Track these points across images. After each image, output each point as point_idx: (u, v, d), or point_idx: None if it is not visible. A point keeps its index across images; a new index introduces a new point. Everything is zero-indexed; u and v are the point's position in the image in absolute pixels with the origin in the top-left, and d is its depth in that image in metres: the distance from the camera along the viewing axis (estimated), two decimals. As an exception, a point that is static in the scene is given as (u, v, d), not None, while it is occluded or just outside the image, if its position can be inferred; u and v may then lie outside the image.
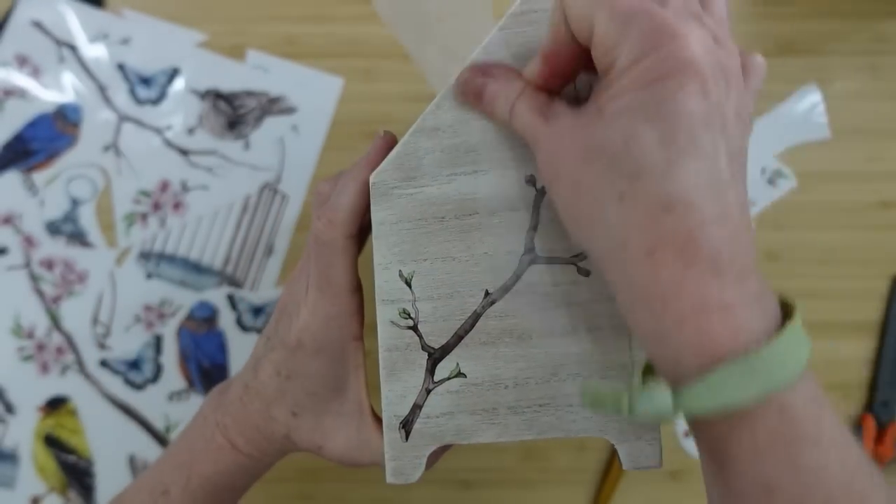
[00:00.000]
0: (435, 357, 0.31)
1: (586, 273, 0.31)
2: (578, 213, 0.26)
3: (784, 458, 0.23)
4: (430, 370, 0.31)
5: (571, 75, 0.28)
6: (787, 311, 0.24)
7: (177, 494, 0.35)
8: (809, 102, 0.55)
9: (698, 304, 0.23)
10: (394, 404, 0.31)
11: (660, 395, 0.24)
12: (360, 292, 0.33)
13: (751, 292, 0.23)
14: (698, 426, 0.25)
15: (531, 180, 0.31)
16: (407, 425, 0.31)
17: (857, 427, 0.51)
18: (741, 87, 0.25)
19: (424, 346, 0.31)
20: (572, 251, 0.31)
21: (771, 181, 0.54)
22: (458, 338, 0.31)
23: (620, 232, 0.24)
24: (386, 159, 0.31)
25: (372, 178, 0.31)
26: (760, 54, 0.29)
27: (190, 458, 0.36)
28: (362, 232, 0.33)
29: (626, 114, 0.24)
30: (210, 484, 0.35)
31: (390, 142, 0.32)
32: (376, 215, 0.31)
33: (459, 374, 0.31)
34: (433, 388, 0.31)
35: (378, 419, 0.33)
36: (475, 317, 0.31)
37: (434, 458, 0.32)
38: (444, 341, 0.31)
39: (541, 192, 0.31)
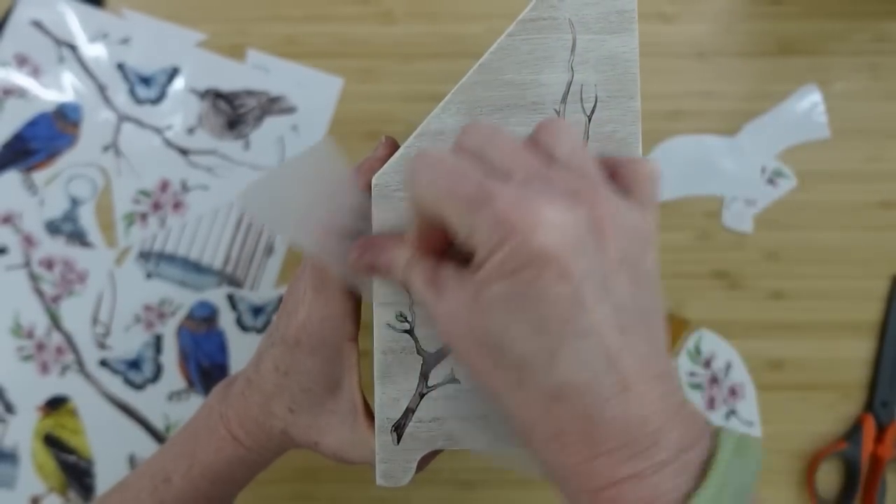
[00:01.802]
0: (430, 362, 0.31)
1: None
2: (482, 391, 0.26)
3: None
4: (425, 374, 0.31)
5: (445, 246, 0.27)
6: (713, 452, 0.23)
7: (178, 482, 0.36)
8: (809, 102, 0.55)
9: (609, 481, 0.23)
10: (387, 407, 0.31)
11: None
12: (355, 294, 0.33)
13: (669, 451, 0.23)
14: None
15: None
16: (399, 428, 0.31)
17: (857, 427, 0.51)
18: (623, 223, 0.24)
19: (420, 351, 0.31)
20: None
21: (771, 181, 0.54)
22: None
23: (523, 418, 0.24)
24: (388, 162, 0.31)
25: (374, 180, 0.31)
26: (648, 162, 0.27)
27: (193, 447, 0.36)
28: None
29: (497, 306, 0.23)
30: (211, 473, 0.36)
31: (392, 146, 0.32)
32: (377, 217, 0.31)
33: (453, 380, 0.31)
34: (426, 393, 0.31)
35: (373, 419, 0.33)
36: None
37: (424, 462, 0.32)
38: (439, 346, 0.31)
39: None
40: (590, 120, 0.31)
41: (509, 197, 0.22)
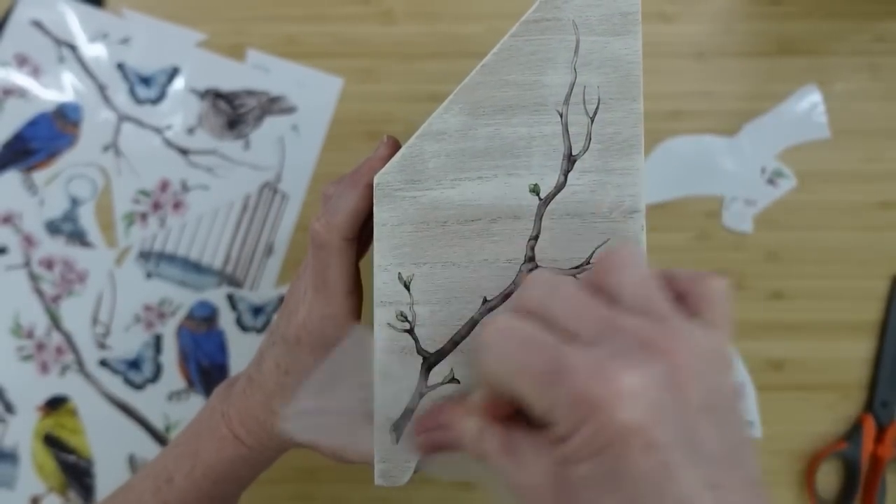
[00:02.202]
0: (430, 361, 0.31)
1: None
2: None
3: None
4: (425, 374, 0.31)
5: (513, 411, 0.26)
6: None
7: (180, 482, 0.36)
8: (809, 102, 0.55)
9: None
10: (386, 406, 0.31)
11: None
12: (356, 294, 0.33)
13: None
14: None
15: (535, 189, 0.31)
16: (398, 428, 0.31)
17: (857, 427, 0.51)
18: (700, 363, 0.23)
19: (420, 350, 0.31)
20: (572, 263, 0.31)
21: (771, 181, 0.54)
22: (453, 343, 0.31)
23: None
24: (391, 161, 0.31)
25: (376, 180, 0.31)
26: (717, 279, 0.26)
27: (196, 447, 0.37)
28: (367, 235, 0.33)
29: (586, 486, 0.22)
30: (213, 473, 0.36)
31: (394, 146, 0.32)
32: (378, 216, 0.31)
33: (453, 380, 0.31)
34: (426, 393, 0.31)
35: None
36: (472, 323, 0.31)
37: (423, 462, 0.32)
38: (439, 346, 0.31)
39: (544, 202, 0.31)
40: (592, 121, 0.31)
41: (585, 368, 0.22)
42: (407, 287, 0.31)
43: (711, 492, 0.22)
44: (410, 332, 0.31)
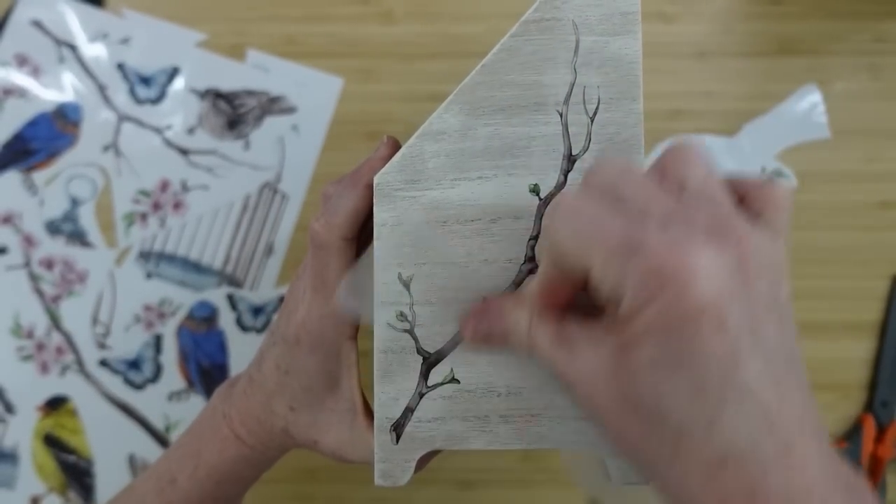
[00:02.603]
0: (430, 361, 0.31)
1: None
2: (631, 459, 0.25)
3: None
4: (424, 374, 0.31)
5: (571, 299, 0.26)
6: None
7: (183, 482, 0.36)
8: (809, 102, 0.55)
9: None
10: (386, 406, 0.31)
11: None
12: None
13: None
14: None
15: (535, 189, 0.31)
16: (398, 428, 0.31)
17: (857, 427, 0.51)
18: (764, 256, 0.22)
19: (420, 350, 0.31)
20: None
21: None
22: (453, 343, 0.31)
23: (681, 489, 0.23)
24: (391, 161, 0.31)
25: (376, 179, 0.31)
26: (781, 185, 0.26)
27: (198, 447, 0.37)
28: (367, 235, 0.33)
29: (650, 367, 0.22)
30: (217, 473, 0.36)
31: (394, 146, 0.32)
32: (378, 216, 0.31)
33: (453, 380, 0.31)
34: (426, 393, 0.31)
35: (372, 418, 0.33)
36: None
37: (423, 462, 0.32)
38: (439, 346, 0.31)
39: (544, 202, 0.31)
40: (592, 121, 0.31)
41: (660, 244, 0.21)
42: (407, 287, 0.31)
43: (776, 389, 0.22)
44: (410, 332, 0.31)
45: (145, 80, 0.57)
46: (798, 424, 0.22)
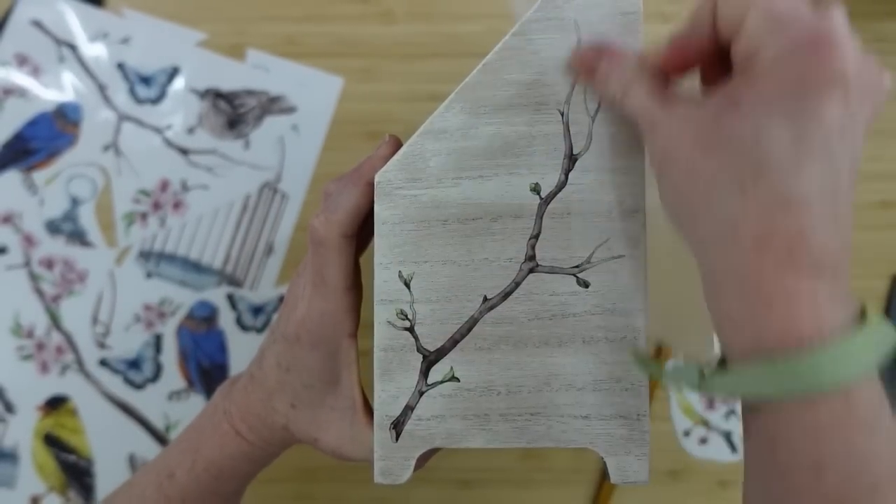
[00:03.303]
0: (430, 360, 0.31)
1: (585, 284, 0.31)
2: (689, 199, 0.26)
3: (840, 440, 0.24)
4: (424, 372, 0.31)
5: (690, 68, 0.29)
6: (863, 312, 0.25)
7: (182, 477, 0.36)
8: (809, 102, 0.55)
9: (793, 295, 0.24)
10: (386, 404, 0.31)
11: (744, 372, 0.25)
12: (355, 291, 0.33)
13: (840, 292, 0.24)
14: (757, 405, 0.26)
15: (536, 188, 0.31)
16: (398, 426, 0.31)
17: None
18: (875, 100, 0.26)
19: (420, 349, 0.31)
20: (573, 262, 0.31)
21: (771, 181, 0.54)
22: (453, 342, 0.31)
23: (733, 220, 0.25)
24: (392, 159, 0.31)
25: (377, 178, 0.31)
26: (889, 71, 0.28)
27: (198, 443, 0.37)
28: (367, 232, 0.33)
29: (765, 109, 0.24)
30: (215, 468, 0.36)
31: (395, 145, 0.32)
32: (379, 214, 0.31)
33: (453, 378, 0.31)
34: (426, 391, 0.31)
35: (372, 416, 0.33)
36: (472, 322, 0.31)
37: (423, 460, 0.32)
38: (439, 344, 0.31)
39: (545, 201, 0.31)
40: (593, 121, 0.31)
41: (822, 21, 0.24)
42: (407, 285, 0.31)
43: (849, 169, 0.25)
44: (410, 330, 0.31)
45: (145, 80, 0.57)
46: (848, 210, 0.25)
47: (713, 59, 0.28)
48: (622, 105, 0.29)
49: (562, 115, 0.31)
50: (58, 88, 0.56)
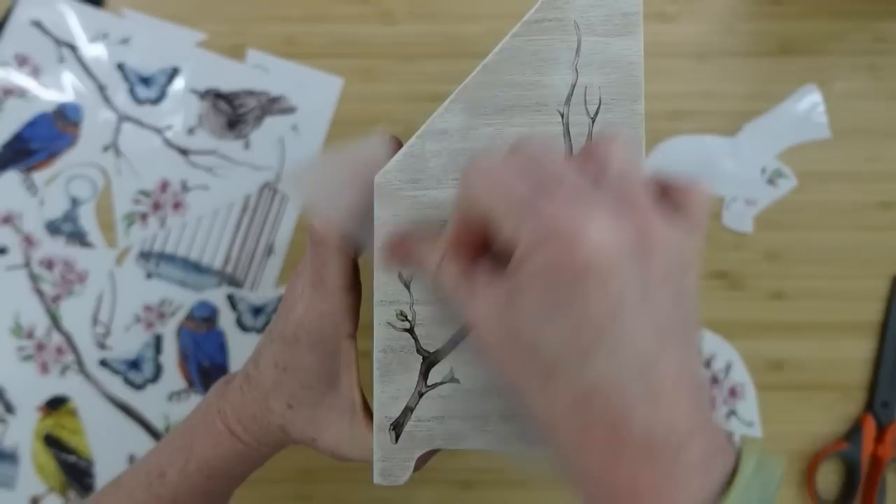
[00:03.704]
0: (429, 361, 0.31)
1: None
2: (508, 386, 0.26)
3: None
4: (424, 374, 0.31)
5: (487, 241, 0.28)
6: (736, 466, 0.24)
7: (173, 476, 0.36)
8: (809, 102, 0.55)
9: (631, 488, 0.23)
10: (385, 405, 0.31)
11: None
12: (354, 291, 0.33)
13: (690, 463, 0.23)
14: None
15: None
16: (397, 427, 0.31)
17: (857, 427, 0.51)
18: (668, 241, 0.24)
19: (419, 350, 0.31)
20: None
21: (771, 181, 0.54)
22: (453, 343, 0.31)
23: (547, 416, 0.25)
24: (392, 160, 0.31)
25: (377, 178, 0.31)
26: (700, 185, 0.27)
27: (190, 442, 0.36)
28: None
29: (535, 306, 0.24)
30: (208, 468, 0.36)
31: (395, 145, 0.32)
32: (379, 214, 0.31)
33: (453, 380, 0.31)
34: (426, 392, 0.31)
35: (372, 416, 0.33)
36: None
37: (422, 461, 0.32)
38: (439, 345, 0.31)
39: None
40: (593, 122, 0.31)
41: (559, 205, 0.23)
42: (407, 286, 0.31)
43: (656, 344, 0.23)
44: (410, 331, 0.31)
45: (145, 80, 0.57)
46: (675, 379, 0.23)
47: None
48: (439, 283, 0.28)
49: (562, 116, 0.31)
50: (58, 89, 0.56)
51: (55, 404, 0.53)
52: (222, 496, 0.39)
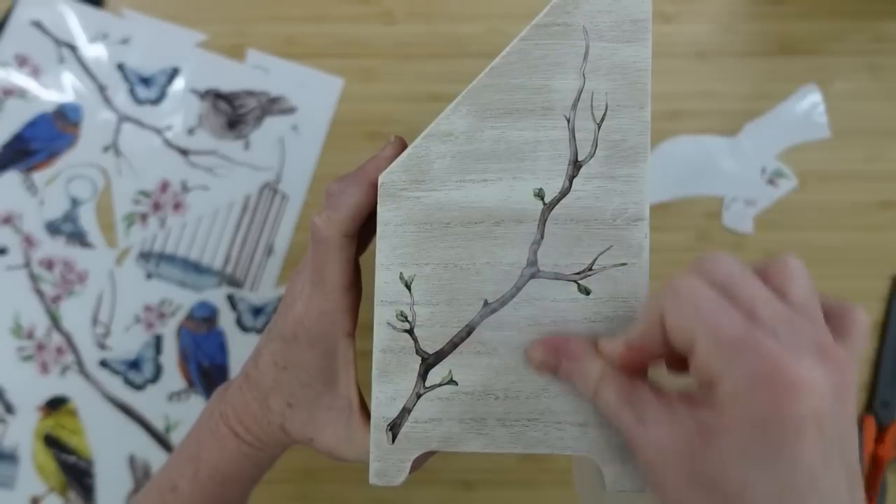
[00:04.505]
0: (428, 362, 0.31)
1: (586, 291, 0.31)
2: None
3: None
4: (423, 375, 0.31)
5: (654, 362, 0.28)
6: None
7: (185, 487, 0.36)
8: (809, 102, 0.55)
9: None
10: (383, 406, 0.31)
11: None
12: (354, 290, 0.33)
13: None
14: None
15: (540, 194, 0.31)
16: (394, 428, 0.31)
17: (857, 427, 0.51)
18: (849, 387, 0.24)
19: (419, 351, 0.31)
20: (574, 268, 0.31)
21: (771, 181, 0.54)
22: (452, 345, 0.31)
23: None
24: (396, 160, 0.31)
25: (381, 178, 0.31)
26: (862, 311, 0.27)
27: (197, 450, 0.36)
28: (367, 232, 0.33)
29: (742, 457, 0.23)
30: (219, 474, 0.36)
31: (400, 146, 0.32)
32: (382, 215, 0.31)
33: (451, 382, 0.31)
34: (424, 393, 0.31)
35: (369, 417, 0.33)
36: (471, 326, 0.31)
37: (418, 462, 0.32)
38: (438, 347, 0.31)
39: (548, 207, 0.31)
40: (599, 128, 0.31)
41: (774, 349, 0.23)
42: (408, 287, 0.31)
43: (847, 491, 0.23)
44: (410, 332, 0.31)
45: (145, 81, 0.57)
46: None
47: (673, 356, 0.26)
48: (594, 404, 0.28)
49: (568, 121, 0.31)
50: (58, 89, 0.56)
51: (55, 404, 0.53)
52: (237, 502, 0.39)
